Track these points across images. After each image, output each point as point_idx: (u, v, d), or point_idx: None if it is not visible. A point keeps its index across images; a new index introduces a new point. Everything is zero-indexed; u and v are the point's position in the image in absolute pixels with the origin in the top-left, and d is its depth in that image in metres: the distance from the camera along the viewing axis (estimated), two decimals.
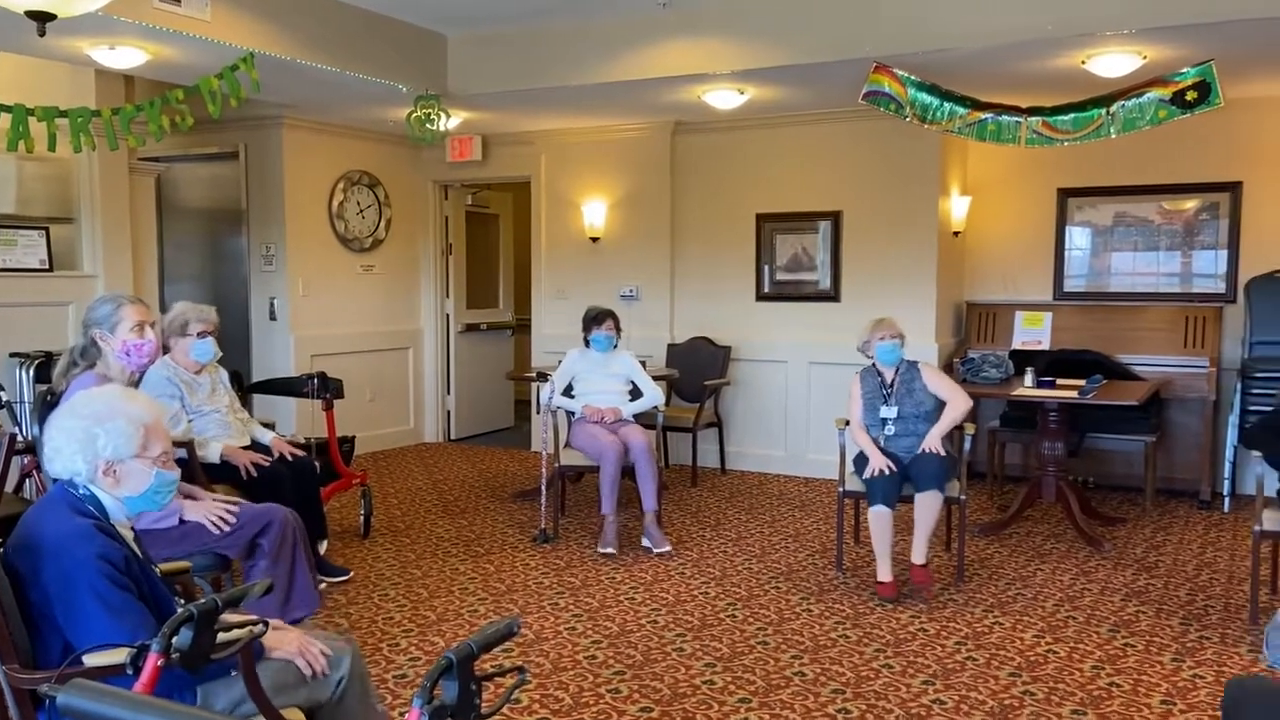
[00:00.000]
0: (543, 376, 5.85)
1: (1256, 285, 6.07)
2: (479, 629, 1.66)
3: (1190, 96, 4.77)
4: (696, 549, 5.22)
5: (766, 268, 7.15)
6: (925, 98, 5.22)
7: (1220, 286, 6.42)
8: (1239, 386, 5.92)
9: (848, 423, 4.86)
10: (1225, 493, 6.07)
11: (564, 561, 4.99)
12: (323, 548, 4.59)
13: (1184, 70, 4.79)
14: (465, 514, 5.96)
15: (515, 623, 1.76)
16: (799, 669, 3.66)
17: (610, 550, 5.02)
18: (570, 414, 5.56)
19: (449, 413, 8.48)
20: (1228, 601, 4.37)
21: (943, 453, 4.50)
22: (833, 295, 6.94)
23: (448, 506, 6.15)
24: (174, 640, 1.87)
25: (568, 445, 5.48)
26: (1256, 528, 4.06)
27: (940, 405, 4.67)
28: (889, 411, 4.67)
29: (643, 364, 5.74)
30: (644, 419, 5.54)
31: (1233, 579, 4.67)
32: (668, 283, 7.41)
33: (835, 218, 6.88)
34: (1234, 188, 6.35)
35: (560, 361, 5.65)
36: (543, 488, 5.42)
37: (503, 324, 9.02)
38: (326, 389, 5.24)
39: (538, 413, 6.81)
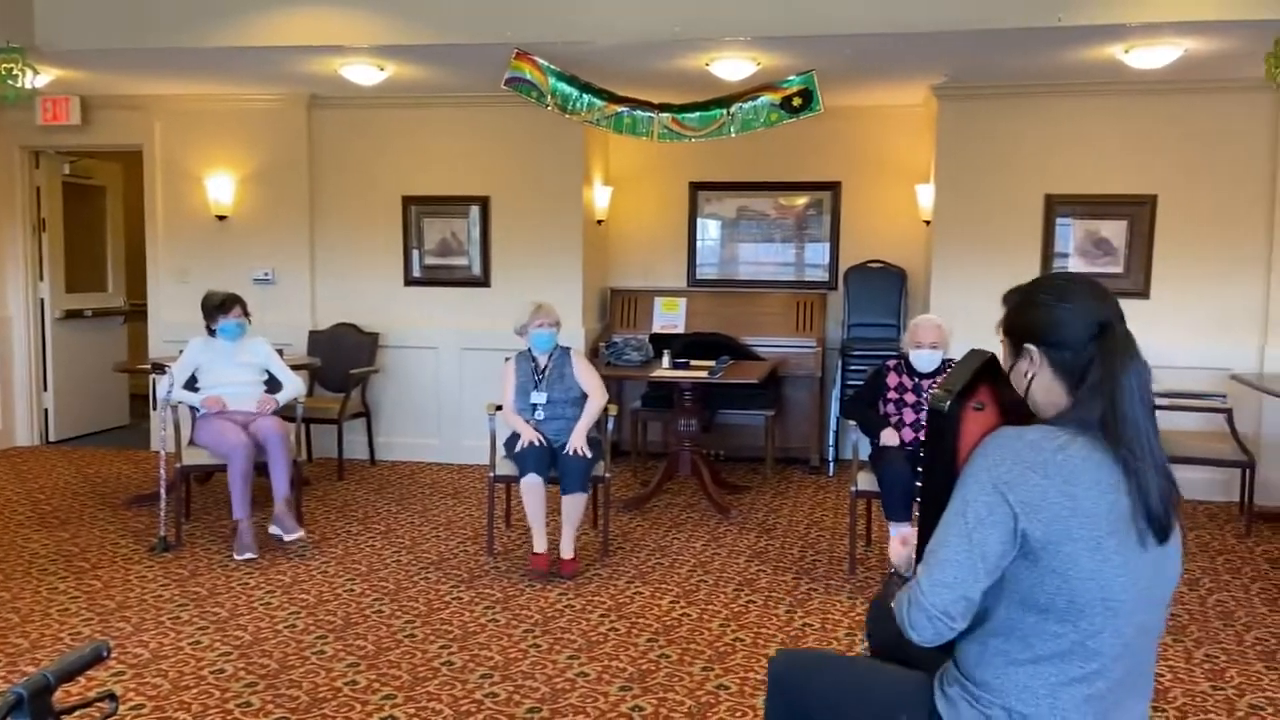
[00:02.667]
0: (160, 368, 5.29)
1: (853, 274, 6.87)
2: (59, 657, 1.43)
3: (796, 102, 5.28)
4: (341, 545, 4.99)
5: (415, 252, 6.98)
6: (565, 88, 5.33)
7: (825, 275, 7.20)
8: (840, 364, 6.69)
9: (498, 407, 4.87)
10: (830, 459, 6.83)
11: (188, 570, 4.55)
12: None
13: (790, 78, 5.29)
14: (67, 525, 5.25)
15: (103, 646, 1.55)
16: (447, 658, 3.61)
17: (249, 555, 4.64)
18: (194, 409, 5.07)
19: (46, 411, 7.44)
20: (832, 555, 4.91)
21: (589, 454, 4.62)
22: (483, 281, 6.92)
23: (44, 518, 5.39)
24: None
25: (191, 443, 5.00)
26: (853, 488, 4.59)
27: None
28: (539, 396, 4.74)
29: (280, 352, 5.37)
30: (282, 410, 5.19)
31: (836, 535, 5.26)
32: (307, 266, 7.01)
33: (484, 203, 6.86)
34: (835, 187, 7.14)
35: (181, 351, 5.13)
36: (162, 491, 4.91)
37: (113, 310, 8.05)
38: None
39: (155, 409, 6.15)
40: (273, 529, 4.77)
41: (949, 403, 1.73)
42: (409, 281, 7.00)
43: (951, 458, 1.73)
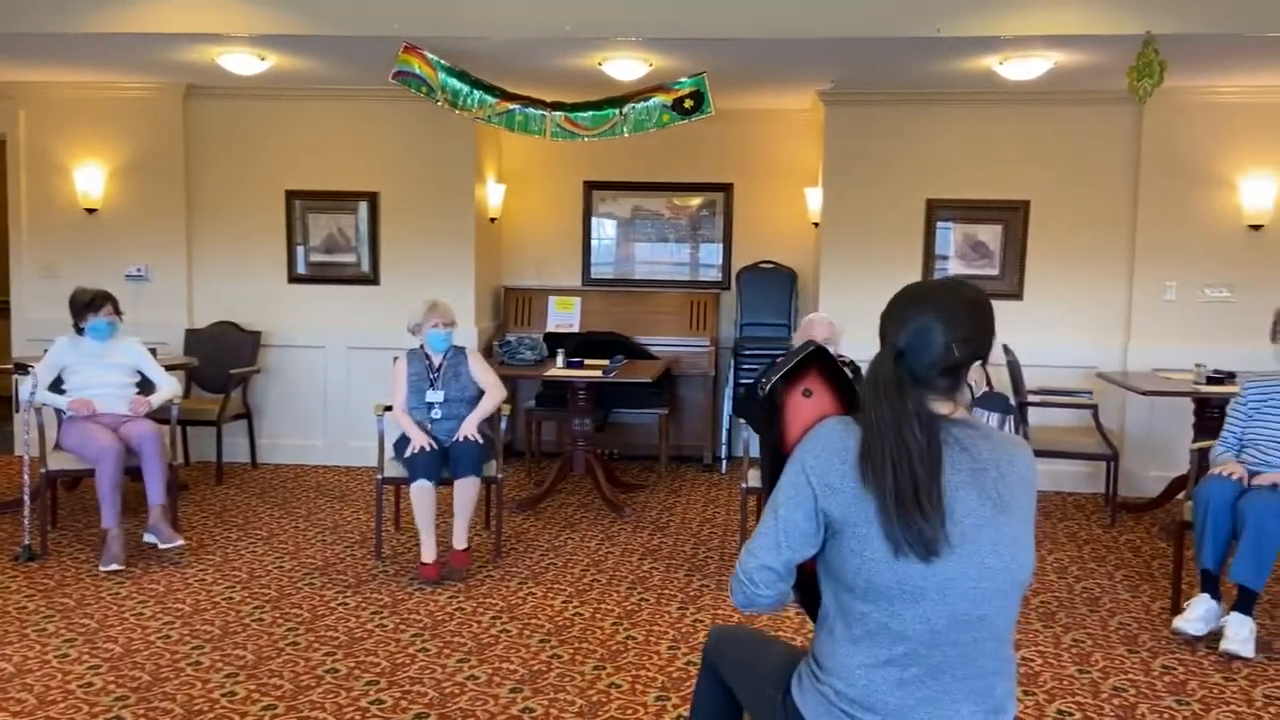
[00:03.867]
0: (23, 369, 5.00)
1: (745, 275, 6.98)
2: None
3: (688, 104, 5.32)
4: (220, 552, 4.81)
5: (300, 248, 6.78)
6: (455, 83, 5.26)
7: (718, 275, 7.29)
8: (733, 363, 6.78)
9: (387, 408, 4.77)
10: (723, 456, 6.92)
11: (54, 581, 4.32)
12: None
13: (682, 79, 5.33)
14: None
15: None
16: (332, 665, 3.52)
17: (116, 566, 4.42)
18: (59, 411, 4.82)
19: None
20: (724, 551, 4.97)
21: (480, 439, 4.58)
22: (372, 278, 6.77)
23: None
24: None
25: (57, 447, 4.75)
26: (744, 485, 4.66)
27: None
28: (435, 395, 4.66)
29: (154, 352, 5.15)
30: (156, 413, 4.97)
31: (727, 531, 5.32)
32: (184, 262, 6.73)
33: (373, 198, 6.71)
34: (727, 188, 7.23)
35: (46, 351, 4.87)
36: (26, 498, 4.64)
37: None
38: None
39: (19, 411, 5.82)
40: (148, 537, 4.57)
41: (770, 384, 1.84)
42: (293, 279, 6.79)
43: (779, 439, 1.84)
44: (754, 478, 4.62)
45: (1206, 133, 6.05)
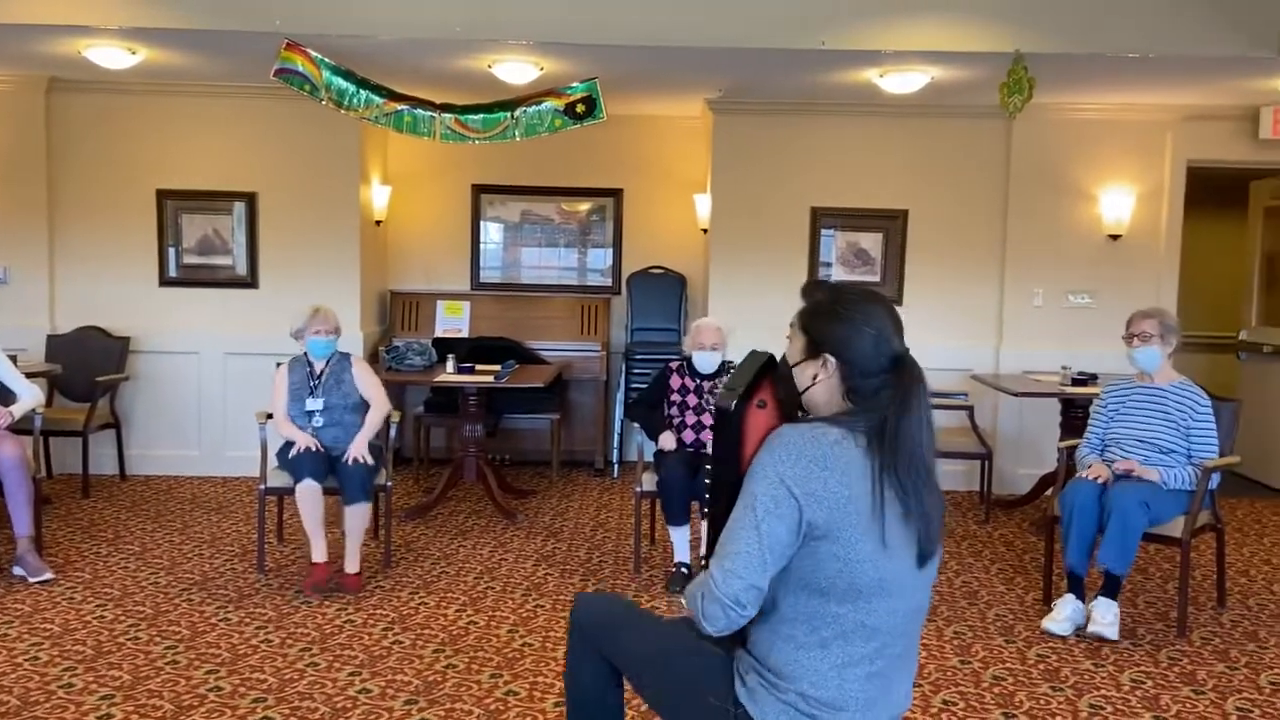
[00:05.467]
0: None
1: (635, 280, 7.02)
2: None
3: (580, 109, 5.33)
4: (89, 568, 4.56)
5: (172, 250, 6.49)
6: (341, 82, 5.13)
7: (608, 280, 7.31)
8: (624, 368, 6.81)
9: (269, 416, 4.61)
10: (615, 460, 6.94)
11: None
12: None
13: (574, 84, 5.33)
14: None
15: None
16: (215, 684, 3.37)
17: None
18: None
19: None
20: (617, 556, 4.98)
21: (369, 460, 4.45)
22: (250, 282, 6.53)
23: None
24: None
25: None
26: (637, 488, 4.68)
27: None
28: (316, 403, 4.53)
29: (13, 359, 4.84)
30: (17, 423, 4.67)
31: (621, 535, 5.34)
32: (46, 263, 6.36)
33: (251, 199, 6.47)
34: (617, 194, 7.26)
35: None
36: None
37: None
38: None
39: None
40: (16, 570, 4.31)
41: (735, 402, 1.80)
42: (165, 282, 6.49)
43: (737, 454, 1.80)
44: (648, 482, 4.65)
45: (1070, 147, 6.40)
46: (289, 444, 4.47)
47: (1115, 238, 6.41)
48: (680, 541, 4.51)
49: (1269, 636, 4.03)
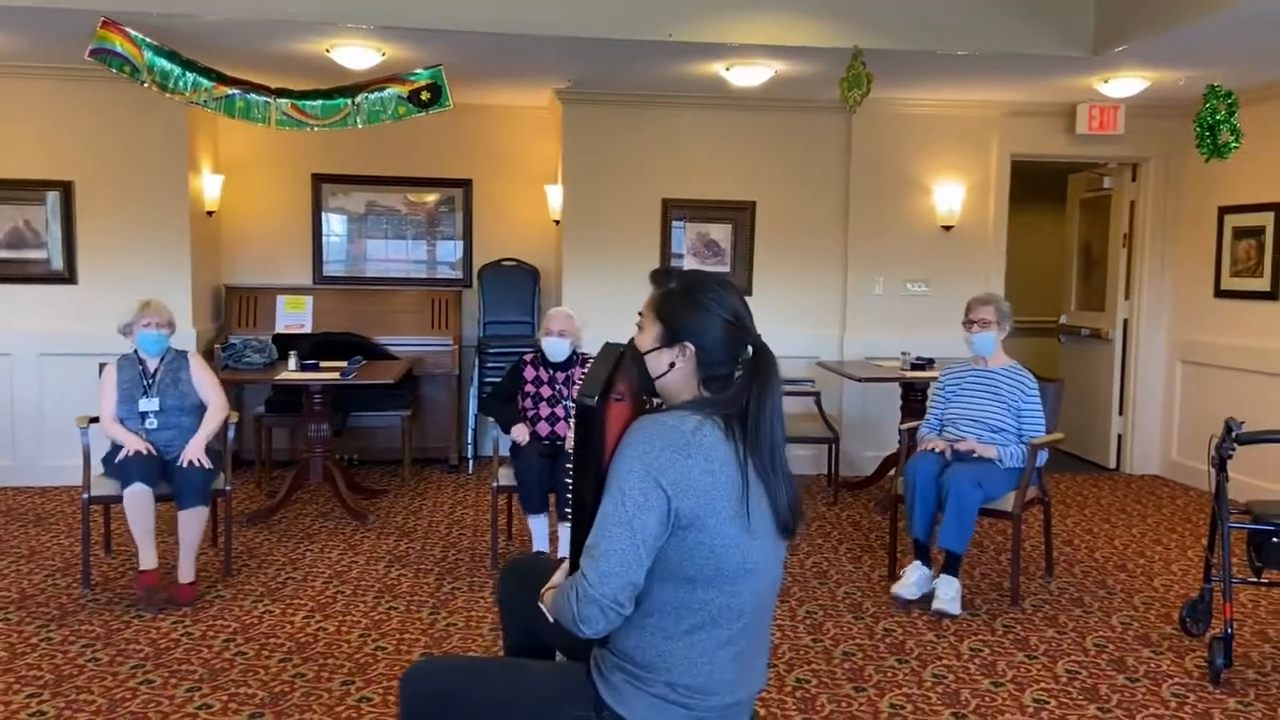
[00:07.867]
0: None
1: (487, 272, 6.90)
2: None
3: (425, 96, 5.18)
4: None
5: None
6: (165, 64, 4.81)
7: (459, 273, 7.16)
8: (477, 362, 6.69)
9: (93, 420, 4.30)
10: (469, 456, 6.82)
11: None
12: None
13: (419, 71, 5.18)
14: None
15: None
16: (37, 709, 3.12)
17: None
18: None
19: None
20: (474, 553, 4.89)
21: (207, 464, 4.20)
22: (68, 277, 6.07)
23: None
24: None
25: None
26: (494, 484, 4.60)
27: None
28: (150, 404, 4.24)
29: None
30: None
31: (478, 531, 5.25)
32: None
33: (66, 188, 6.01)
34: (466, 185, 7.12)
35: None
36: None
37: None
38: None
39: None
40: None
41: (597, 397, 1.77)
42: None
43: (600, 450, 1.77)
44: (504, 476, 4.58)
45: (906, 142, 6.67)
46: (117, 448, 4.18)
47: (948, 228, 6.73)
48: (539, 531, 4.47)
49: (1093, 601, 4.31)
